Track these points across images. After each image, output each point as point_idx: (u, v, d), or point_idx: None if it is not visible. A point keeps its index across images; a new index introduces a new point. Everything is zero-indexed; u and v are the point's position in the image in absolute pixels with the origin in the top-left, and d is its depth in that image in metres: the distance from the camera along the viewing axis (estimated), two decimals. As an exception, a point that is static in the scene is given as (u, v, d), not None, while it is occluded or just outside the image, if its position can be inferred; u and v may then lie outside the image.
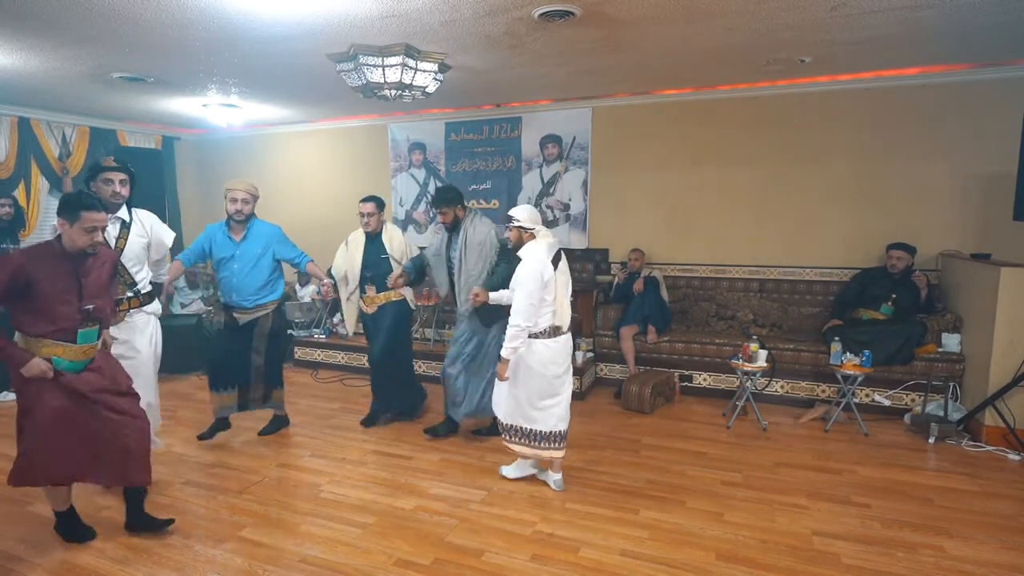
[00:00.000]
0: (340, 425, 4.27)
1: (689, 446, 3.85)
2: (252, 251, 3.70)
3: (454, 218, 3.77)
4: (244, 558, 2.60)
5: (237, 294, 3.72)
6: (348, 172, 6.94)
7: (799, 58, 4.21)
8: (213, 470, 3.52)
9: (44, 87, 4.90)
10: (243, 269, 3.69)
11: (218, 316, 3.69)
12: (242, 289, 3.71)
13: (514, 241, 3.16)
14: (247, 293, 3.72)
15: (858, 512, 2.98)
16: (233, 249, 3.69)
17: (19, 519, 2.93)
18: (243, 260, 3.69)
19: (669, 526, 2.85)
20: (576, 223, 5.96)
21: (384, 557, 2.60)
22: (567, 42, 3.79)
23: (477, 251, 3.67)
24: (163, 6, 3.12)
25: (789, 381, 4.67)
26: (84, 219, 2.45)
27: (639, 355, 5.02)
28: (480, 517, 2.94)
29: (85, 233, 2.46)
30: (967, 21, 3.43)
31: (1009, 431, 3.71)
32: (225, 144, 7.59)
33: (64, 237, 2.48)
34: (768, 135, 5.22)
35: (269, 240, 3.77)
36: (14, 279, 2.38)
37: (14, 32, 3.54)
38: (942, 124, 4.73)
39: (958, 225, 4.76)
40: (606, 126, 5.76)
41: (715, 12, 3.27)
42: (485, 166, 6.27)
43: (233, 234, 3.71)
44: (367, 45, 3.78)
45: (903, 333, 4.28)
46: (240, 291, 3.71)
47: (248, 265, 3.69)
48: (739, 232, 5.41)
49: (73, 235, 2.46)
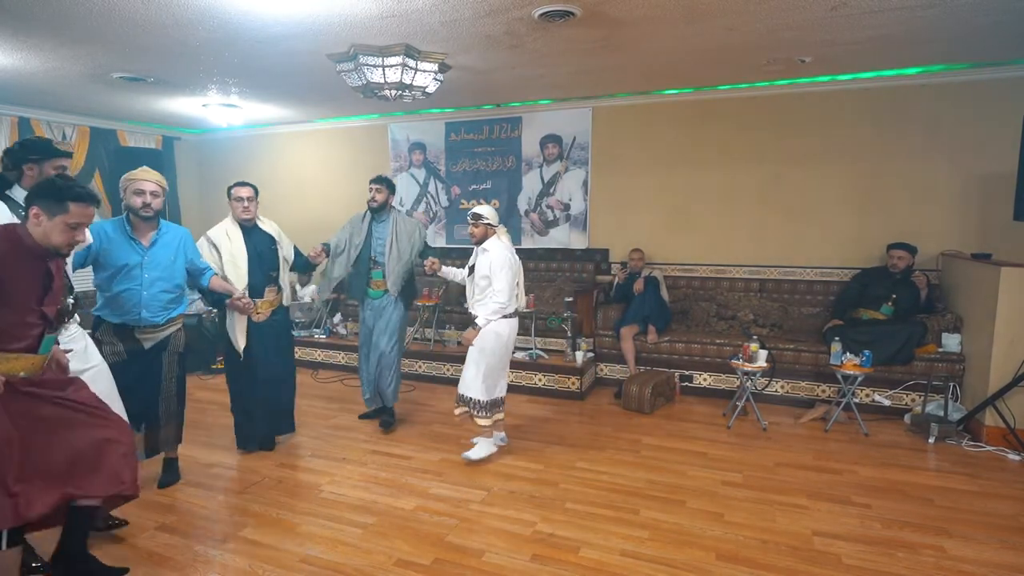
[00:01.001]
0: (340, 425, 4.27)
1: (689, 446, 3.85)
2: (164, 257, 3.04)
3: (384, 203, 4.07)
4: (244, 558, 2.60)
5: (147, 310, 3.00)
6: (348, 172, 6.94)
7: (799, 58, 4.21)
8: (213, 470, 3.52)
9: (44, 87, 4.90)
10: (154, 278, 3.00)
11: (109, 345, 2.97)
12: (152, 303, 3.01)
13: (479, 236, 3.60)
14: (158, 307, 3.03)
15: (858, 512, 2.98)
16: (140, 255, 2.97)
17: (19, 519, 2.93)
18: (155, 268, 3.00)
19: (669, 526, 2.85)
20: (576, 223, 5.96)
21: (384, 557, 2.60)
22: (567, 42, 3.79)
23: (407, 238, 4.07)
24: (163, 6, 3.12)
25: (789, 381, 4.67)
26: (72, 213, 2.04)
27: (639, 355, 5.02)
28: (480, 517, 2.94)
29: (68, 230, 2.05)
30: (967, 21, 3.43)
31: (1009, 431, 3.71)
32: (225, 144, 7.59)
33: (35, 229, 2.03)
34: (768, 135, 5.22)
35: (181, 242, 3.15)
36: None
37: (14, 32, 3.55)
38: (942, 124, 4.73)
39: (958, 225, 4.76)
40: (606, 126, 5.76)
41: (715, 12, 3.27)
42: (485, 166, 6.27)
43: (139, 236, 2.98)
44: (367, 45, 3.78)
45: (903, 333, 4.28)
46: (150, 306, 3.00)
47: (160, 273, 3.02)
48: (739, 232, 5.41)
49: (50, 229, 2.03)
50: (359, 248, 4.08)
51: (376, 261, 4.08)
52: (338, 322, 6.16)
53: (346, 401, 4.83)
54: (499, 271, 3.48)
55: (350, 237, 4.11)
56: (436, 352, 5.42)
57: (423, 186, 6.60)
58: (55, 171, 2.40)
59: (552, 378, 4.95)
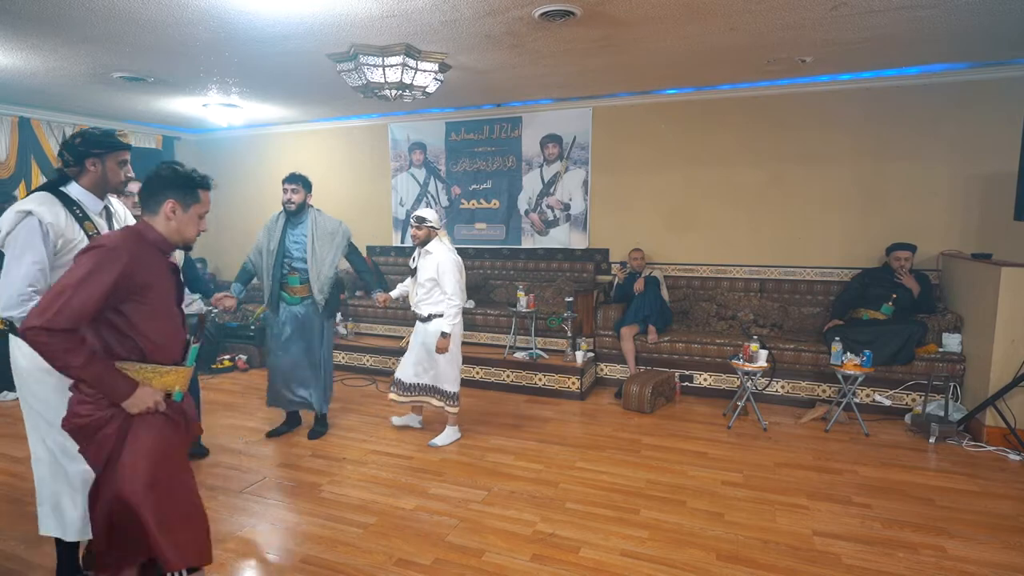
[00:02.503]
0: (340, 425, 4.27)
1: (690, 446, 3.85)
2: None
3: (302, 203, 3.79)
4: (245, 558, 2.60)
5: None
6: (348, 172, 6.94)
7: (799, 58, 4.21)
8: (213, 470, 3.52)
9: (44, 87, 4.91)
10: None
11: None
12: None
13: (423, 238, 3.73)
14: None
15: (859, 512, 2.98)
16: None
17: (19, 519, 2.93)
18: None
19: (669, 526, 2.84)
20: (576, 223, 5.96)
21: (384, 557, 2.60)
22: (567, 42, 3.79)
23: (329, 239, 3.82)
24: (163, 6, 3.12)
25: (790, 381, 4.67)
26: (203, 201, 1.91)
27: (639, 355, 5.02)
28: (480, 517, 2.94)
29: (198, 220, 1.91)
30: (967, 21, 3.43)
31: (1010, 431, 3.71)
32: (225, 144, 7.59)
33: (166, 224, 1.84)
34: (768, 135, 5.22)
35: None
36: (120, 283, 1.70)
37: (14, 32, 3.55)
38: (942, 124, 4.73)
39: (958, 225, 4.76)
40: (606, 126, 5.76)
41: (715, 12, 3.27)
42: (485, 166, 6.27)
43: None
44: (367, 45, 3.78)
45: (904, 333, 4.27)
46: None
47: None
48: (740, 232, 5.41)
49: (186, 222, 1.86)
50: (274, 253, 3.79)
51: (293, 267, 3.80)
52: (339, 321, 6.16)
53: (346, 401, 4.82)
54: (447, 274, 3.63)
55: (267, 243, 3.84)
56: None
57: (423, 186, 6.60)
58: (119, 165, 2.23)
59: (552, 378, 4.95)
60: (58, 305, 1.61)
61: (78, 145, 2.15)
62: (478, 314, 5.61)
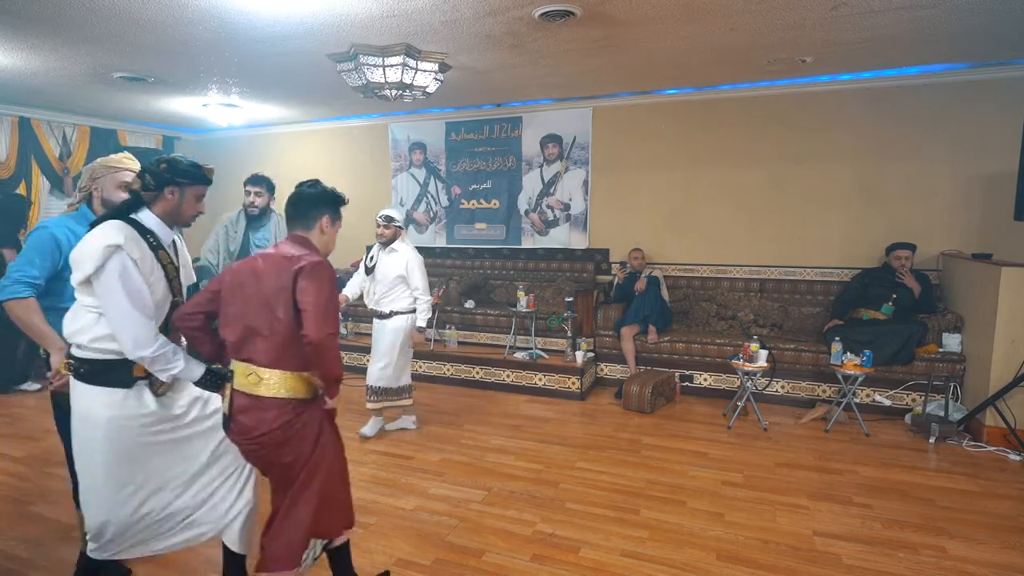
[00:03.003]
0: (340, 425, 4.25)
1: (690, 446, 3.85)
2: None
3: (265, 207, 3.76)
4: (244, 558, 2.59)
5: None
6: (348, 172, 6.93)
7: (799, 58, 4.21)
8: (213, 470, 3.51)
9: (44, 87, 4.91)
10: None
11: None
12: None
13: (390, 237, 3.84)
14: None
15: (859, 512, 2.98)
16: None
17: (19, 519, 2.92)
18: None
19: (669, 526, 2.84)
20: (576, 223, 5.96)
21: (384, 557, 2.59)
22: (567, 42, 3.79)
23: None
24: (163, 6, 3.12)
25: (790, 381, 4.67)
26: (341, 217, 2.15)
27: (640, 355, 5.02)
28: (480, 517, 2.94)
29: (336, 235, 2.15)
30: (967, 21, 3.43)
31: (1010, 431, 3.71)
32: (225, 144, 7.59)
33: (321, 238, 2.06)
34: (768, 135, 5.22)
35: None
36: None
37: (14, 32, 3.55)
38: (942, 124, 4.72)
39: (958, 225, 4.76)
40: (606, 126, 5.76)
41: (715, 12, 3.27)
42: (485, 166, 6.27)
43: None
44: (367, 45, 3.78)
45: (904, 333, 4.27)
46: None
47: None
48: (740, 232, 5.41)
49: (333, 237, 2.11)
50: (234, 255, 3.66)
51: None
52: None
53: (346, 401, 4.82)
54: (415, 270, 3.83)
55: (225, 244, 3.70)
56: (437, 352, 5.41)
57: (423, 186, 6.60)
58: (196, 199, 2.16)
59: (552, 378, 4.95)
60: (335, 313, 1.87)
61: (163, 172, 2.06)
62: (478, 314, 5.61)
